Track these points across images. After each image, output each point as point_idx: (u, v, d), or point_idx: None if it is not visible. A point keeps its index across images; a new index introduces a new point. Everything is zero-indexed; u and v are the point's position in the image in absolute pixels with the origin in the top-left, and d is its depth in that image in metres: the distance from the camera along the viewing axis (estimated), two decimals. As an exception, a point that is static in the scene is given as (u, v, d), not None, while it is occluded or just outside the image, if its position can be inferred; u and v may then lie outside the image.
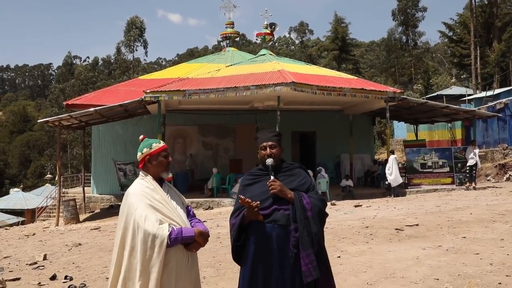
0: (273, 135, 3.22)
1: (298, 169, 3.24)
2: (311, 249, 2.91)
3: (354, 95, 16.65)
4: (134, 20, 65.81)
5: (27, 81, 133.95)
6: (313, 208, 3.00)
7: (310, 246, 2.91)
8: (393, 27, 55.45)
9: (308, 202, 3.00)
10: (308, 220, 2.95)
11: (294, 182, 3.12)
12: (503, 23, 38.59)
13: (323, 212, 3.09)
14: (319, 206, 3.05)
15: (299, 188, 3.09)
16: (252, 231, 3.04)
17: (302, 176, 3.18)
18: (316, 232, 2.95)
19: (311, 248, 2.91)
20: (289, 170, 3.20)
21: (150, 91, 16.17)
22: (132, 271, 2.88)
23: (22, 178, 64.04)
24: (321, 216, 3.06)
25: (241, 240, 3.10)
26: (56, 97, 61.81)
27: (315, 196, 3.09)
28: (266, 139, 3.20)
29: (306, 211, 2.97)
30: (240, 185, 3.30)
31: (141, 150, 3.12)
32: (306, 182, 3.15)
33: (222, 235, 9.31)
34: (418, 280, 5.59)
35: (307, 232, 2.92)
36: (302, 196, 3.02)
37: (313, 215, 2.98)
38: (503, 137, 22.73)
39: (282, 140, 3.25)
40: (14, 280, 6.66)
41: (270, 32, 23.08)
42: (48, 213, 22.77)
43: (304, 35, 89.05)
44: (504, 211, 10.36)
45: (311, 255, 2.90)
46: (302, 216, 2.95)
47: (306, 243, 2.91)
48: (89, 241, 10.18)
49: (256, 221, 3.02)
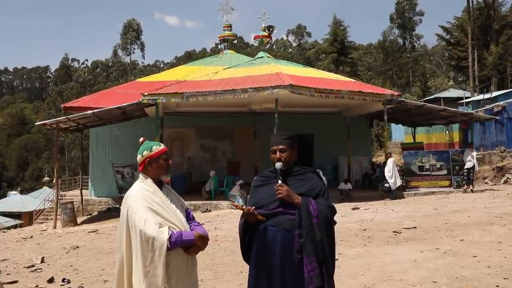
0: (284, 138, 3.14)
1: (311, 173, 3.16)
2: (314, 257, 2.87)
3: (351, 97, 16.67)
4: (130, 22, 65.94)
5: (25, 84, 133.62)
6: (319, 215, 2.93)
7: (313, 253, 2.87)
8: (387, 29, 55.58)
9: (315, 209, 2.94)
10: (313, 226, 2.90)
11: (304, 186, 3.05)
12: (500, 26, 38.72)
13: (330, 220, 3.00)
14: (326, 213, 2.98)
15: (308, 193, 3.02)
16: (257, 232, 3.04)
17: (314, 181, 3.09)
18: (320, 240, 2.90)
19: (314, 255, 2.87)
20: (301, 174, 3.13)
21: (148, 93, 16.16)
22: (136, 274, 2.88)
23: (20, 180, 63.95)
24: (327, 223, 2.98)
25: (245, 240, 3.11)
26: (53, 100, 61.78)
27: (324, 203, 3.01)
28: (276, 143, 3.13)
29: (311, 217, 2.92)
30: (252, 185, 3.29)
31: (141, 152, 3.11)
32: (317, 188, 3.06)
33: (220, 237, 9.31)
34: (416, 283, 5.60)
35: (311, 239, 2.89)
36: (309, 202, 2.96)
37: (318, 222, 2.92)
38: (501, 139, 22.77)
39: (295, 142, 3.17)
40: (11, 283, 6.64)
41: (268, 35, 23.10)
42: (46, 216, 22.74)
43: (302, 38, 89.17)
44: (501, 214, 10.37)
45: (314, 262, 2.87)
46: (307, 222, 2.90)
47: (309, 249, 2.87)
48: (87, 244, 10.16)
49: (261, 223, 3.01)
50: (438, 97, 33.19)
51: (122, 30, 66.26)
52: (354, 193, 17.09)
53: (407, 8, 53.08)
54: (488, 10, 39.22)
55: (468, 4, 37.29)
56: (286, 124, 16.33)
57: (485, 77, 38.66)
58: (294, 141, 3.17)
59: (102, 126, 19.72)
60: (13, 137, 73.70)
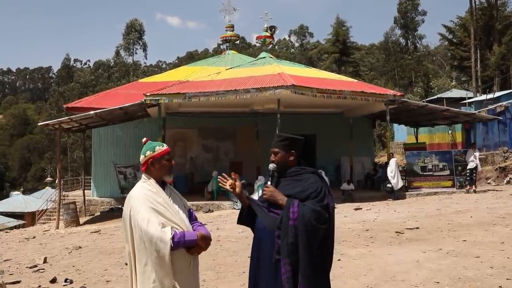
0: (278, 141, 3.19)
1: (308, 174, 3.12)
2: (288, 259, 2.87)
3: (354, 98, 16.66)
4: (133, 23, 65.98)
5: (28, 84, 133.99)
6: (298, 218, 2.89)
7: (286, 255, 2.88)
8: (389, 30, 55.50)
9: (295, 211, 2.90)
10: (290, 229, 2.89)
11: (296, 188, 3.03)
12: (503, 26, 38.62)
13: (312, 224, 2.88)
14: (309, 217, 2.88)
15: (298, 194, 2.98)
16: (255, 230, 3.12)
17: (308, 182, 3.03)
18: (292, 243, 2.87)
19: (287, 257, 2.88)
20: (298, 175, 3.12)
21: (150, 94, 16.17)
22: (140, 274, 2.91)
23: (22, 181, 64.12)
24: (308, 226, 2.87)
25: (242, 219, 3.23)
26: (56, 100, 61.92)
27: (310, 206, 2.91)
28: (272, 145, 3.22)
29: (289, 219, 2.91)
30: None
31: (144, 153, 3.11)
32: (309, 189, 2.99)
33: (222, 238, 9.31)
34: (418, 284, 5.59)
35: (286, 240, 2.89)
36: (291, 204, 2.94)
37: (296, 224, 2.88)
38: (504, 140, 22.70)
39: (292, 144, 3.17)
40: (14, 283, 6.66)
41: (270, 35, 23.10)
42: (48, 216, 22.75)
43: (304, 38, 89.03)
44: (504, 214, 10.35)
45: (287, 264, 2.87)
46: (285, 224, 2.91)
47: (284, 251, 2.89)
48: (89, 244, 10.17)
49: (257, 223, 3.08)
50: (441, 98, 33.10)
51: (124, 31, 66.30)
52: (356, 194, 17.07)
53: (410, 9, 52.96)
54: (491, 10, 39.13)
55: (471, 4, 37.23)
56: (288, 124, 16.34)
57: (487, 77, 38.56)
58: (290, 143, 3.17)
59: (104, 127, 19.74)
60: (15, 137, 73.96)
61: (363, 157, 21.66)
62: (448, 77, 47.40)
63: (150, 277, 2.86)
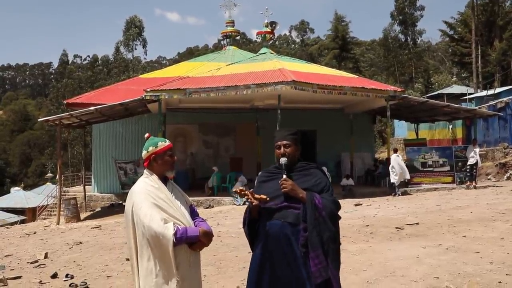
0: (288, 134, 3.19)
1: (314, 169, 3.18)
2: (321, 250, 2.89)
3: (354, 93, 16.64)
4: (133, 19, 65.91)
5: (28, 80, 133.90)
6: (324, 209, 2.96)
7: (319, 246, 2.89)
8: (388, 26, 55.29)
9: (320, 202, 2.97)
10: (318, 220, 2.93)
11: (308, 182, 3.08)
12: (504, 22, 38.57)
13: (335, 214, 3.03)
14: (331, 208, 3.01)
15: (313, 188, 3.05)
16: (262, 226, 3.06)
17: (318, 177, 3.12)
18: (325, 232, 2.93)
19: (320, 248, 2.89)
20: (305, 170, 3.16)
21: (151, 89, 16.17)
22: (142, 270, 2.92)
23: (23, 176, 64.17)
24: (332, 217, 3.01)
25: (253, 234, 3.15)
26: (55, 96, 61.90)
27: (328, 198, 3.04)
28: (281, 138, 3.17)
29: (317, 210, 2.94)
30: (256, 181, 3.33)
31: (147, 148, 3.10)
32: (321, 183, 3.09)
33: (223, 233, 9.33)
34: (418, 279, 5.60)
35: (316, 232, 2.90)
36: (314, 196, 2.98)
37: (324, 216, 2.95)
38: (504, 136, 22.72)
39: (299, 138, 3.21)
40: (15, 278, 6.67)
41: (270, 31, 23.06)
42: (49, 212, 22.82)
43: (305, 34, 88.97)
44: (504, 210, 10.36)
45: (321, 255, 2.89)
46: (312, 216, 2.92)
47: (315, 243, 2.89)
48: (90, 240, 10.19)
49: (266, 217, 3.03)
50: (441, 93, 33.10)
51: (124, 27, 66.22)
52: (357, 189, 17.08)
53: (407, 4, 52.73)
54: (492, 6, 39.05)
55: (472, 0, 37.12)
56: (288, 120, 16.35)
57: (488, 73, 38.53)
58: (298, 137, 3.21)
59: (104, 123, 19.76)
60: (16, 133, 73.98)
61: (363, 153, 21.68)
62: (448, 73, 47.32)
63: (153, 272, 2.87)
